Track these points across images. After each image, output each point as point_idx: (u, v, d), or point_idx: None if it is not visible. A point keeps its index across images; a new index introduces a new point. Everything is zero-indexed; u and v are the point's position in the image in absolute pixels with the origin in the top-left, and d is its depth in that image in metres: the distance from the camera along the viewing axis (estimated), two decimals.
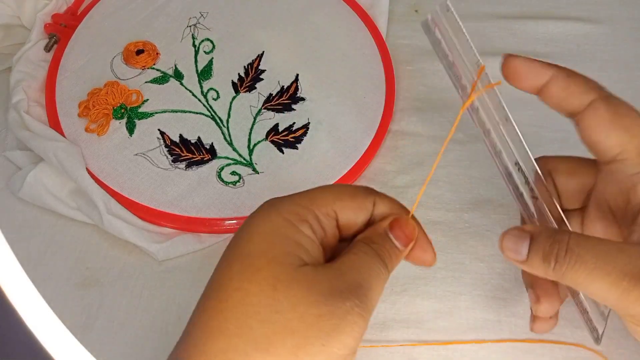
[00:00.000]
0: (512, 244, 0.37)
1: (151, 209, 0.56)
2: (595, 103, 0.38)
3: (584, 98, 0.39)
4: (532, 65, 0.39)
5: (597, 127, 0.38)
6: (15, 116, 0.60)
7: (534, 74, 0.40)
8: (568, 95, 0.39)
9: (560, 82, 0.39)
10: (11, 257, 0.21)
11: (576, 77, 0.39)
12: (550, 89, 0.39)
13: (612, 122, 0.38)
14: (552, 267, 0.36)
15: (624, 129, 0.38)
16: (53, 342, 0.22)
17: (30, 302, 0.22)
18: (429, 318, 0.51)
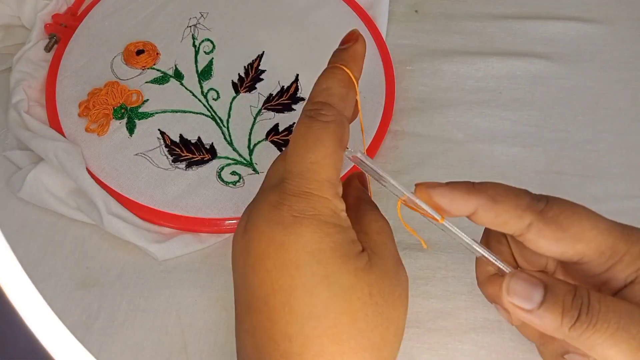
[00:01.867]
0: (521, 288, 0.34)
1: (151, 208, 0.56)
2: (534, 225, 0.36)
3: (520, 223, 0.36)
4: (453, 196, 0.37)
5: (547, 247, 0.36)
6: (16, 116, 0.60)
7: (456, 207, 0.37)
8: (501, 222, 0.36)
9: (488, 212, 0.36)
10: (11, 257, 0.21)
11: (504, 201, 0.36)
12: (480, 218, 0.37)
13: (560, 239, 0.35)
14: (569, 326, 0.33)
15: (576, 240, 0.35)
16: (53, 342, 0.22)
17: (30, 302, 0.22)
18: (429, 318, 0.51)
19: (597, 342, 0.32)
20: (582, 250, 0.35)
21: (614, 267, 0.35)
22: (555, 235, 0.35)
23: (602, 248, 0.35)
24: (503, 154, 0.61)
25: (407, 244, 0.55)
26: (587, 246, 0.35)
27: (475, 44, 0.70)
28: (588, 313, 0.32)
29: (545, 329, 0.34)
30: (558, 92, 0.65)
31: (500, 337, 0.50)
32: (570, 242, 0.35)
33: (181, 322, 0.52)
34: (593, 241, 0.35)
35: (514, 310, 0.35)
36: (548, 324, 0.33)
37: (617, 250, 0.35)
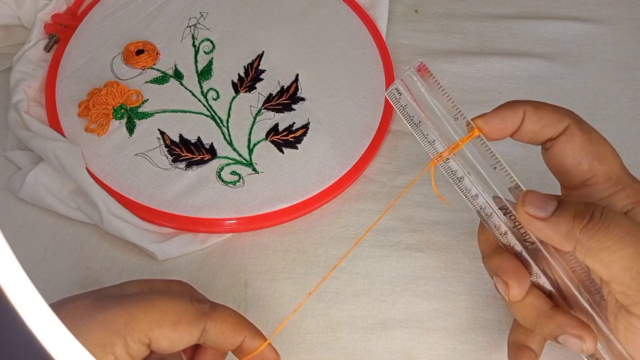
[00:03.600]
0: (536, 200, 0.37)
1: (151, 208, 0.56)
2: (570, 128, 0.39)
3: (558, 125, 0.40)
4: (504, 115, 0.40)
5: (571, 152, 0.39)
6: (15, 116, 0.60)
7: (509, 122, 0.40)
8: (543, 125, 0.40)
9: (534, 117, 0.40)
10: (11, 257, 0.21)
11: (546, 107, 0.40)
12: (524, 127, 0.40)
13: (585, 148, 0.39)
14: (581, 226, 0.35)
15: (596, 156, 0.39)
16: (53, 342, 0.22)
17: (30, 302, 0.22)
18: (429, 318, 0.51)
19: (607, 244, 0.34)
20: (596, 168, 0.39)
21: (615, 195, 0.38)
22: (582, 144, 0.39)
23: (611, 174, 0.39)
24: (503, 154, 0.60)
25: (408, 244, 0.55)
26: (601, 166, 0.39)
27: (475, 44, 0.70)
28: (601, 216, 0.35)
29: (558, 235, 0.36)
30: (558, 92, 0.65)
31: (500, 337, 0.50)
32: (591, 155, 0.39)
33: None
34: (607, 164, 0.39)
35: (528, 222, 0.37)
36: (561, 227, 0.35)
37: (622, 181, 0.39)
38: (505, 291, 0.40)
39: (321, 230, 0.56)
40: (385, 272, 0.54)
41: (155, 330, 0.35)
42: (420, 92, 0.41)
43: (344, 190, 0.59)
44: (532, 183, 0.40)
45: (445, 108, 0.40)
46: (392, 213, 0.57)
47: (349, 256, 0.54)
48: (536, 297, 0.40)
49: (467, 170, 0.40)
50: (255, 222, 0.56)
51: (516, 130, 0.40)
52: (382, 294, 0.53)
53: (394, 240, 0.56)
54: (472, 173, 0.40)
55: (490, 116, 0.40)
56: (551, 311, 0.40)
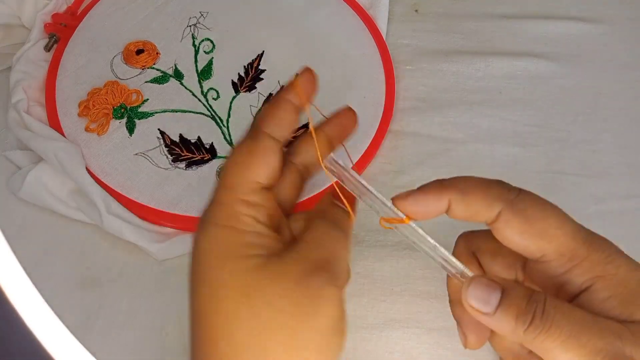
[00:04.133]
0: (480, 292, 0.35)
1: (151, 208, 0.56)
2: (503, 214, 0.36)
3: (489, 212, 0.37)
4: (426, 201, 0.38)
5: (511, 238, 0.37)
6: (15, 116, 0.60)
7: (432, 208, 0.38)
8: (473, 213, 0.38)
9: (460, 204, 0.38)
10: (11, 257, 0.21)
11: (474, 194, 0.37)
12: (454, 211, 0.38)
13: (525, 232, 0.36)
14: (524, 329, 0.33)
15: (539, 235, 0.36)
16: (53, 342, 0.22)
17: (30, 302, 0.22)
18: (429, 318, 0.51)
19: (550, 347, 0.33)
20: (544, 247, 0.36)
21: (572, 271, 0.36)
22: (521, 227, 0.36)
23: (563, 249, 0.36)
24: (503, 154, 0.61)
25: (407, 244, 0.55)
26: (548, 244, 0.36)
27: (475, 44, 0.70)
28: (542, 318, 0.33)
29: (502, 331, 0.35)
30: (558, 92, 0.65)
31: None
32: (534, 237, 0.36)
33: (181, 322, 0.51)
34: (555, 241, 0.36)
35: (474, 314, 0.36)
36: (504, 326, 0.34)
37: (577, 254, 0.36)
38: (462, 340, 0.41)
39: None
40: (385, 272, 0.54)
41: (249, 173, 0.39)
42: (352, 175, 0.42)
43: None
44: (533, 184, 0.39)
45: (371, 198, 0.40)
46: None
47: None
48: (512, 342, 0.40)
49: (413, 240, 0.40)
50: None
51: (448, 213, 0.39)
52: (382, 294, 0.53)
53: (394, 240, 0.56)
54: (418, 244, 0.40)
55: (413, 201, 0.38)
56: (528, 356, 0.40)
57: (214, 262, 0.36)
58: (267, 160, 0.39)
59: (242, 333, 0.35)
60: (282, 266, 0.36)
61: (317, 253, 0.37)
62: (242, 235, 0.37)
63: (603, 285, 0.35)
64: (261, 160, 0.39)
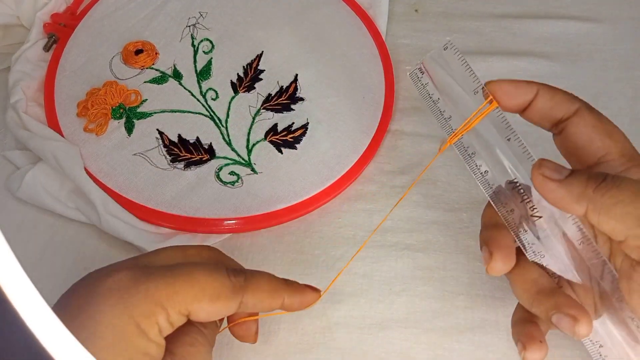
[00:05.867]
0: (552, 164, 0.38)
1: (149, 209, 0.56)
2: (581, 110, 0.41)
3: (570, 106, 0.41)
4: (517, 83, 0.42)
5: (584, 132, 0.41)
6: (14, 116, 0.60)
7: (521, 91, 0.42)
8: (554, 105, 0.41)
9: (546, 95, 0.41)
10: (11, 257, 0.21)
11: (558, 89, 0.42)
12: (537, 103, 0.42)
13: (597, 127, 0.41)
14: (595, 186, 0.36)
15: (608, 134, 0.41)
16: (53, 342, 0.22)
17: (30, 302, 0.22)
18: (427, 318, 0.51)
19: (620, 199, 0.36)
20: (610, 145, 0.40)
21: (630, 170, 0.40)
22: (594, 123, 0.41)
23: (625, 151, 0.40)
24: None
25: (406, 244, 0.55)
26: (614, 143, 0.40)
27: (475, 44, 0.70)
28: (613, 178, 0.36)
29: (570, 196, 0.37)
30: None
31: (497, 337, 0.50)
32: (604, 133, 0.41)
33: None
34: (620, 142, 0.41)
35: (543, 183, 0.38)
36: (574, 188, 0.37)
37: (636, 156, 0.41)
38: (487, 260, 0.41)
39: (320, 231, 0.56)
40: (383, 272, 0.54)
41: (195, 304, 0.37)
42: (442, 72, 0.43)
43: (343, 191, 0.59)
44: None
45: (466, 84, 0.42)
46: (392, 213, 0.57)
47: (347, 256, 0.54)
48: (539, 274, 0.41)
49: (479, 146, 0.42)
50: (254, 222, 0.56)
51: (527, 107, 0.42)
52: (380, 294, 0.53)
53: (392, 240, 0.56)
54: (485, 148, 0.41)
55: (505, 83, 0.41)
56: (551, 290, 0.40)
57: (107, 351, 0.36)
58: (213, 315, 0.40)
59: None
60: None
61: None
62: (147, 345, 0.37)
63: None
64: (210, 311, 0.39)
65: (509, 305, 0.51)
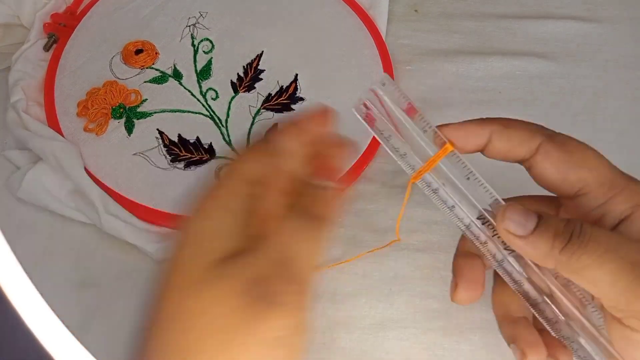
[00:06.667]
0: (517, 216, 0.35)
1: (150, 208, 0.56)
2: (543, 146, 0.38)
3: (530, 144, 0.38)
4: (468, 127, 0.39)
5: (552, 169, 0.38)
6: (14, 116, 0.60)
7: (473, 136, 0.39)
8: (513, 145, 0.38)
9: (501, 136, 0.38)
10: (11, 257, 0.21)
11: (515, 126, 0.39)
12: (493, 145, 0.39)
13: (565, 162, 0.37)
14: (560, 248, 0.34)
15: (579, 165, 0.37)
16: (52, 341, 0.22)
17: (30, 302, 0.22)
18: (427, 318, 0.51)
19: (587, 263, 0.33)
20: (584, 177, 0.37)
21: (612, 200, 0.37)
22: (561, 157, 0.37)
23: (603, 179, 0.37)
24: None
25: (406, 244, 0.55)
26: (589, 173, 0.37)
27: (475, 44, 0.70)
28: (580, 236, 0.34)
29: (537, 255, 0.35)
30: (558, 92, 0.65)
31: (497, 338, 0.50)
32: (575, 166, 0.37)
33: None
34: (595, 170, 0.37)
35: (507, 239, 0.36)
36: (540, 248, 0.35)
37: (617, 184, 0.37)
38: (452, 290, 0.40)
39: None
40: (383, 272, 0.54)
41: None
42: (388, 105, 0.41)
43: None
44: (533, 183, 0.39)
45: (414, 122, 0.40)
46: (391, 213, 0.57)
47: (348, 256, 0.54)
48: (510, 300, 0.41)
49: (442, 182, 0.39)
50: None
51: (484, 147, 0.39)
52: (380, 294, 0.52)
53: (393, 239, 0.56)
54: (447, 184, 0.39)
55: (455, 128, 0.39)
56: (514, 319, 0.40)
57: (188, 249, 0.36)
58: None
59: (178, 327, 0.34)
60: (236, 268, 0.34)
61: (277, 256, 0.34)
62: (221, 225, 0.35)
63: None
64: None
65: None
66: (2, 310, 0.20)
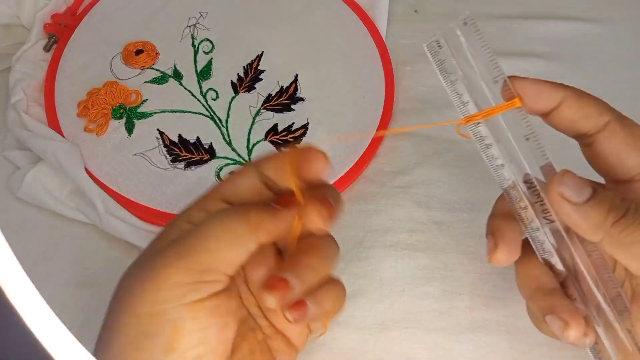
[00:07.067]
0: (573, 182, 0.35)
1: (150, 208, 0.56)
2: (611, 124, 0.37)
3: (599, 120, 0.37)
4: (543, 87, 0.38)
5: (614, 148, 0.37)
6: (15, 116, 0.60)
7: (545, 96, 0.38)
8: (582, 117, 0.38)
9: (573, 104, 0.37)
10: (11, 257, 0.21)
11: (588, 98, 0.38)
12: (562, 111, 0.38)
13: (629, 145, 0.37)
14: (614, 221, 0.34)
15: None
16: (52, 341, 0.22)
17: (30, 302, 0.22)
18: (428, 318, 0.51)
19: (637, 239, 0.33)
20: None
21: None
22: (626, 140, 0.37)
23: None
24: None
25: (406, 244, 0.55)
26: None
27: None
28: (636, 213, 0.34)
29: (586, 225, 0.35)
30: None
31: (498, 337, 0.50)
32: (637, 152, 0.37)
33: None
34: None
35: (559, 204, 0.35)
36: (592, 217, 0.34)
37: None
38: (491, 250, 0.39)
39: None
40: (384, 273, 0.54)
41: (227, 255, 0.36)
42: (462, 49, 0.39)
43: (343, 191, 0.59)
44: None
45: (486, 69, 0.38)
46: (391, 213, 0.57)
47: (348, 256, 0.54)
48: (541, 271, 0.40)
49: (497, 138, 0.38)
50: None
51: (551, 112, 0.38)
52: (380, 294, 0.52)
53: (393, 240, 0.56)
54: (502, 141, 0.38)
55: (528, 82, 0.38)
56: (549, 290, 0.39)
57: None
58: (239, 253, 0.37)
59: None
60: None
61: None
62: None
63: None
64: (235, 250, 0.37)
65: (509, 306, 0.51)
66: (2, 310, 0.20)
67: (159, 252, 0.36)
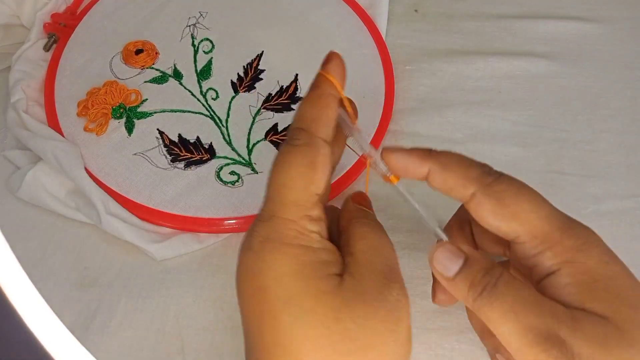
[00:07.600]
0: (443, 259, 0.37)
1: (150, 208, 0.56)
2: (476, 196, 0.38)
3: (464, 192, 0.38)
4: (410, 159, 0.40)
5: (485, 219, 0.38)
6: (14, 115, 0.60)
7: (411, 170, 0.40)
8: (448, 188, 0.39)
9: (437, 177, 0.39)
10: (11, 257, 0.21)
11: (452, 169, 0.39)
12: (431, 182, 0.40)
13: (497, 213, 0.37)
14: (473, 297, 0.36)
15: (512, 218, 0.37)
16: (52, 341, 0.22)
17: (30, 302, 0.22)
18: (427, 317, 0.51)
19: (492, 318, 0.35)
20: (516, 229, 0.37)
21: (543, 254, 0.37)
22: (493, 209, 0.37)
23: (535, 232, 0.37)
24: (503, 154, 0.61)
25: (407, 244, 0.55)
26: (521, 226, 0.37)
27: (475, 44, 0.70)
28: (491, 291, 0.35)
29: (458, 296, 0.37)
30: (558, 92, 0.65)
31: None
32: (506, 218, 0.37)
33: (179, 322, 0.51)
34: (527, 223, 0.37)
35: (437, 276, 0.38)
36: (459, 292, 0.37)
37: (550, 238, 0.37)
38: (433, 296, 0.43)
39: None
40: None
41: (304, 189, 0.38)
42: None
43: (343, 191, 0.59)
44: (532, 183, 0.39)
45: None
46: (391, 212, 0.57)
47: None
48: None
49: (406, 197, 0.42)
50: None
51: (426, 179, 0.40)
52: None
53: (393, 239, 0.55)
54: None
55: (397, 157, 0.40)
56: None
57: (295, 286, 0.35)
58: (326, 169, 0.38)
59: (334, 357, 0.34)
60: (359, 284, 0.36)
61: (381, 264, 0.37)
62: (317, 254, 0.36)
63: (568, 272, 0.36)
64: (322, 171, 0.38)
65: None
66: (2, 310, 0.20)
67: None
